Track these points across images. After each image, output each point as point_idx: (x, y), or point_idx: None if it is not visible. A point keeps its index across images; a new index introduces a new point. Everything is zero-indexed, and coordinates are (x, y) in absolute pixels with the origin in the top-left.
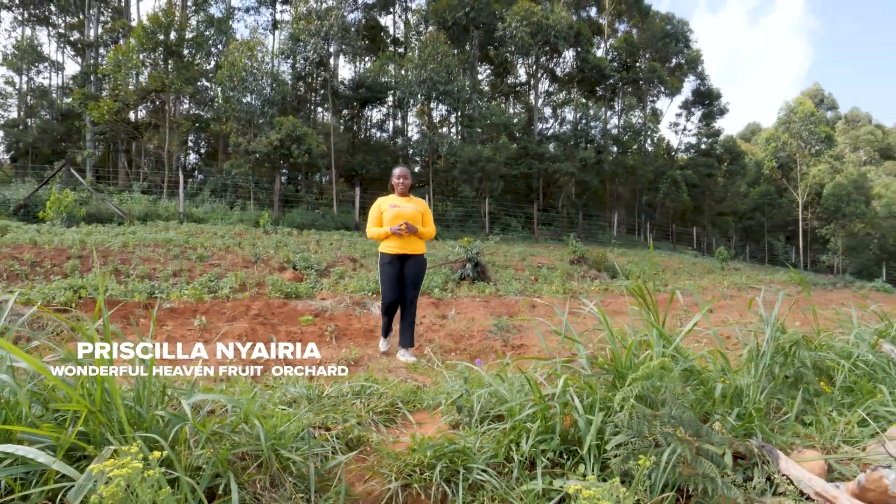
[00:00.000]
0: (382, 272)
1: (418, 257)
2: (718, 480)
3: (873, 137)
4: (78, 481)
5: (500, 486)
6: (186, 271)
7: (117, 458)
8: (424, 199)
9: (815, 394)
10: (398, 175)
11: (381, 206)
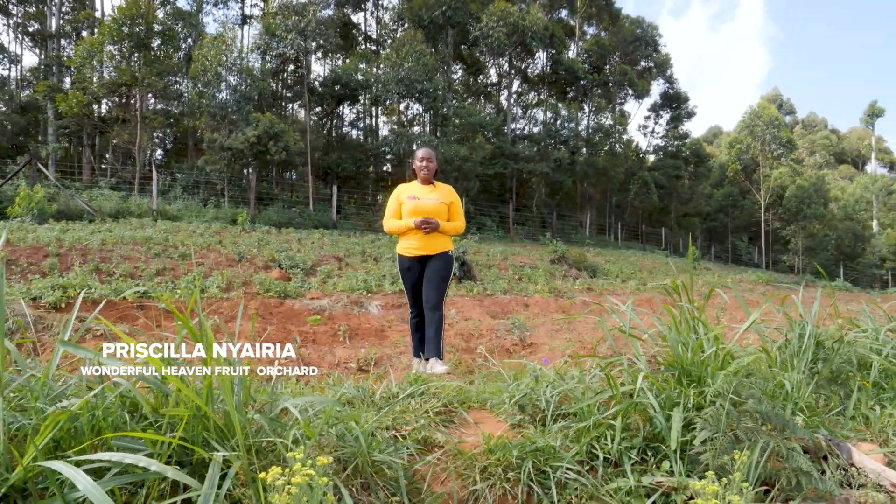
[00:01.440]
0: (403, 278)
1: (443, 255)
2: (814, 473)
3: (829, 142)
4: (203, 489)
5: (589, 483)
6: (170, 270)
7: (233, 463)
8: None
9: (854, 389)
10: (422, 157)
11: (399, 196)
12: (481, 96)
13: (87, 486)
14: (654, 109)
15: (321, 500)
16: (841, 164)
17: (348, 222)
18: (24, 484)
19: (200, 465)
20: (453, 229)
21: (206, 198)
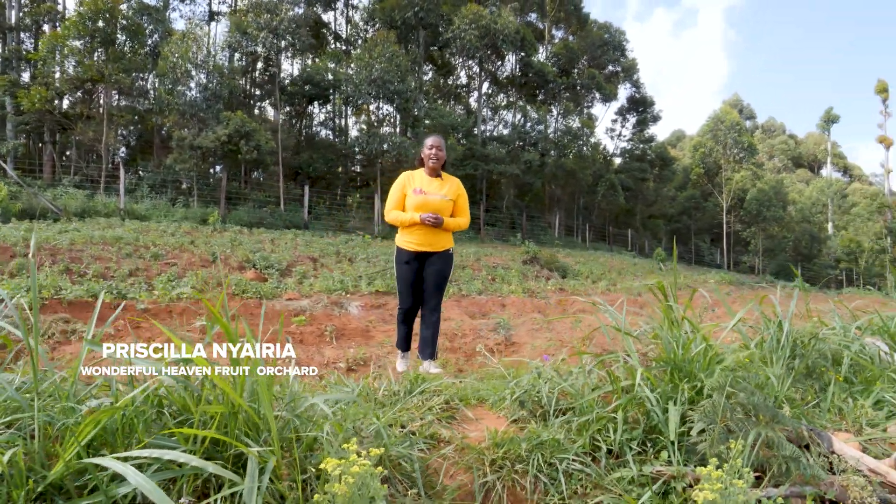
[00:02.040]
0: (399, 272)
1: (443, 254)
2: (803, 460)
3: (787, 146)
4: (245, 483)
5: (594, 473)
6: (143, 270)
7: (270, 458)
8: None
9: (828, 382)
10: (431, 145)
11: (405, 187)
12: (451, 98)
13: (139, 481)
14: (621, 113)
15: (373, 491)
16: (798, 169)
17: (320, 223)
18: (61, 481)
19: (232, 460)
20: (456, 225)
21: (174, 197)
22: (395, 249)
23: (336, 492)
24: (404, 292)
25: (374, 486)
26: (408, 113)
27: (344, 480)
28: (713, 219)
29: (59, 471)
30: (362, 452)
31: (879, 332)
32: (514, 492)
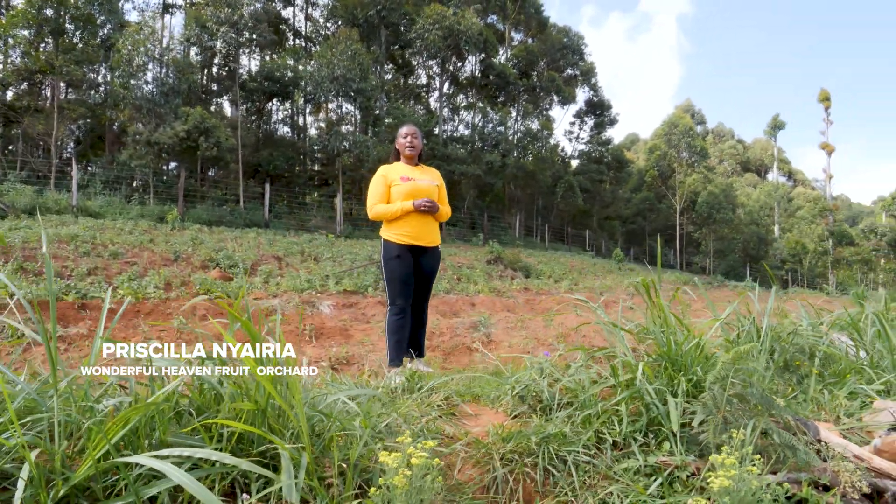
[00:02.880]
0: (390, 268)
1: (435, 251)
2: (799, 448)
3: (735, 151)
4: (283, 480)
5: (601, 465)
6: (102, 269)
7: (301, 454)
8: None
9: (805, 375)
10: (406, 133)
11: (387, 178)
12: (411, 98)
13: (182, 479)
14: (579, 116)
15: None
16: (746, 173)
17: (280, 221)
18: (86, 483)
19: (258, 457)
20: (445, 214)
21: (128, 194)
22: (382, 245)
23: (395, 484)
24: (399, 291)
25: (432, 478)
26: (369, 112)
27: (402, 472)
28: (667, 220)
29: (84, 471)
30: (418, 445)
31: (845, 328)
32: (525, 484)
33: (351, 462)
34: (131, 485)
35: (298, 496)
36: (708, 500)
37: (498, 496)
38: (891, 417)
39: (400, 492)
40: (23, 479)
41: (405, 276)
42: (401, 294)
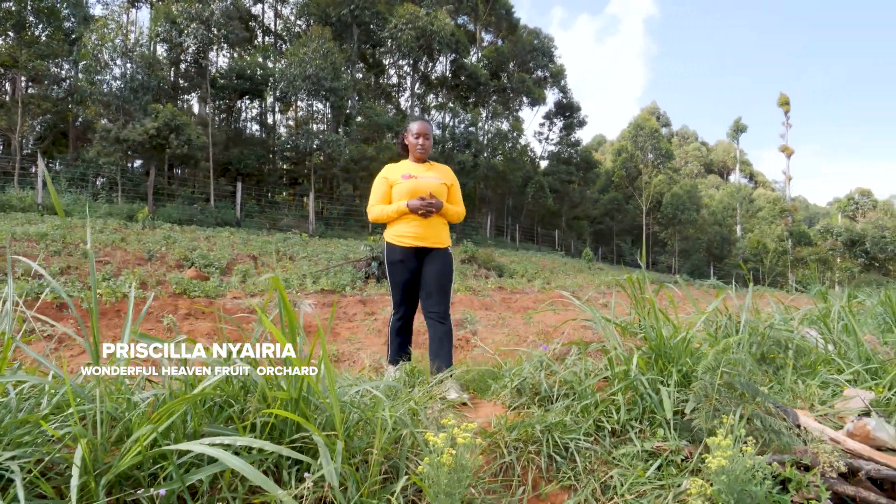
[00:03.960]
0: (392, 272)
1: (443, 252)
2: (784, 432)
3: (699, 153)
4: (324, 465)
5: (601, 450)
6: (75, 269)
7: (336, 442)
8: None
9: (781, 366)
10: (417, 132)
11: (389, 177)
12: (381, 97)
13: (237, 464)
14: (549, 117)
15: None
16: (710, 174)
17: (252, 220)
18: (128, 471)
19: (290, 446)
20: (456, 214)
21: (96, 192)
22: (385, 247)
23: (443, 462)
24: (398, 298)
25: (474, 457)
26: (341, 111)
27: (448, 451)
28: (634, 220)
29: (130, 459)
30: (459, 426)
31: (814, 323)
32: (529, 470)
33: (378, 448)
34: (176, 471)
35: (338, 480)
36: (703, 480)
37: (509, 479)
38: (861, 404)
39: (447, 469)
40: (77, 465)
41: (405, 281)
42: (401, 299)
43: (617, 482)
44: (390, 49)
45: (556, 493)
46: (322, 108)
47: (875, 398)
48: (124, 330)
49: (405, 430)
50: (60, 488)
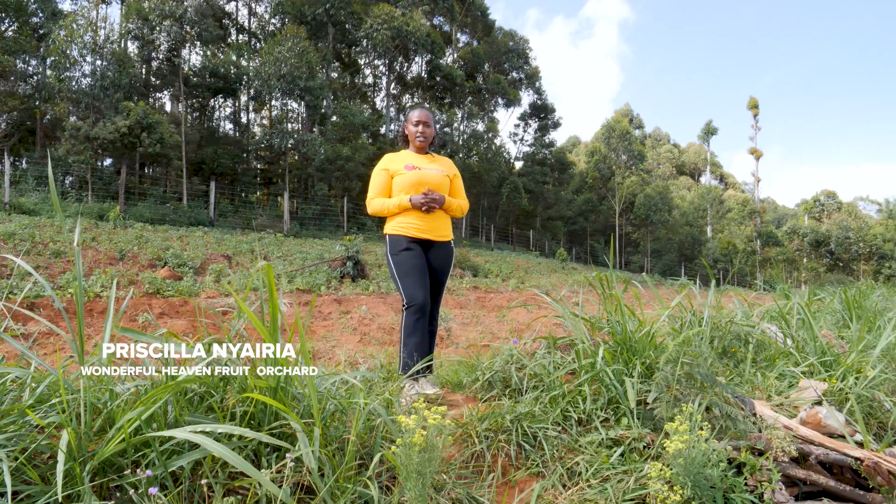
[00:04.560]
0: (398, 263)
1: (446, 246)
2: (740, 418)
3: (672, 155)
4: (303, 449)
5: (568, 439)
6: (45, 268)
7: (313, 429)
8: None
9: (741, 360)
10: (417, 119)
11: (390, 168)
12: (357, 97)
13: (219, 449)
14: (524, 118)
15: (441, 441)
16: (682, 176)
17: (226, 220)
18: (113, 458)
19: (268, 434)
20: (459, 208)
21: (65, 191)
22: (388, 241)
23: (414, 441)
24: (414, 283)
25: (443, 438)
26: (316, 110)
27: (419, 432)
28: (607, 221)
29: (115, 446)
30: (430, 409)
31: (775, 319)
32: (501, 458)
33: (354, 433)
34: (159, 458)
35: (317, 463)
36: (663, 464)
37: (480, 466)
38: (814, 394)
39: (418, 448)
40: (62, 451)
41: (420, 266)
42: (419, 287)
43: (582, 468)
44: (366, 49)
45: (525, 479)
46: (297, 108)
47: (828, 388)
48: (106, 323)
49: (379, 418)
50: (46, 475)
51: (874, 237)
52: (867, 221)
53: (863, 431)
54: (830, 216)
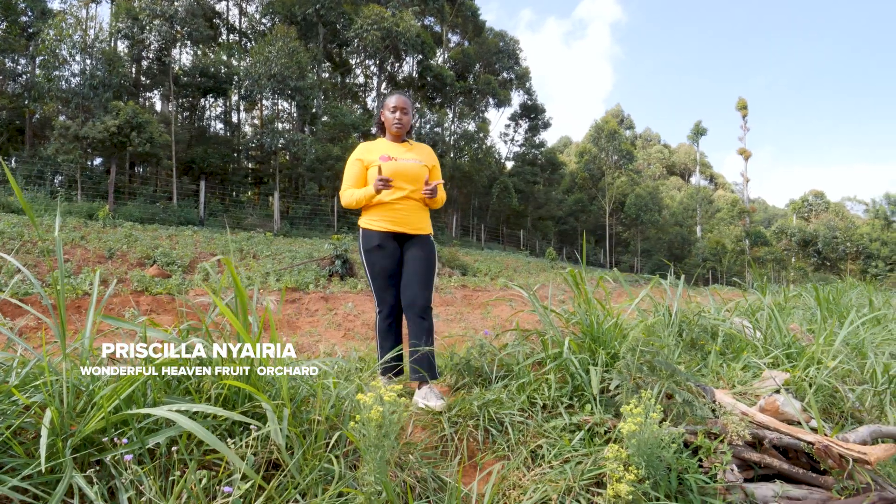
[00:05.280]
0: (371, 262)
1: (424, 239)
2: (696, 404)
3: (662, 155)
4: (271, 426)
5: (533, 424)
6: (34, 266)
7: (282, 409)
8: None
9: (709, 351)
10: (394, 105)
11: (364, 158)
12: (348, 97)
13: (189, 424)
14: (514, 119)
15: (398, 416)
16: (672, 176)
17: (216, 219)
18: (93, 436)
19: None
20: (440, 201)
21: (54, 190)
22: (361, 235)
23: (371, 417)
24: (381, 290)
25: (399, 413)
26: (306, 110)
27: (375, 408)
28: (597, 221)
29: (95, 423)
30: (386, 387)
31: (746, 314)
32: (469, 443)
33: (323, 414)
34: (137, 434)
35: (284, 440)
36: (620, 446)
37: (447, 447)
38: (774, 384)
39: (374, 423)
40: (45, 426)
41: (390, 269)
42: (388, 291)
43: (546, 451)
44: (356, 49)
45: (491, 461)
46: (287, 108)
47: (789, 378)
48: (88, 311)
49: (348, 402)
50: (30, 450)
51: (861, 237)
52: (854, 221)
53: (816, 417)
54: (818, 216)
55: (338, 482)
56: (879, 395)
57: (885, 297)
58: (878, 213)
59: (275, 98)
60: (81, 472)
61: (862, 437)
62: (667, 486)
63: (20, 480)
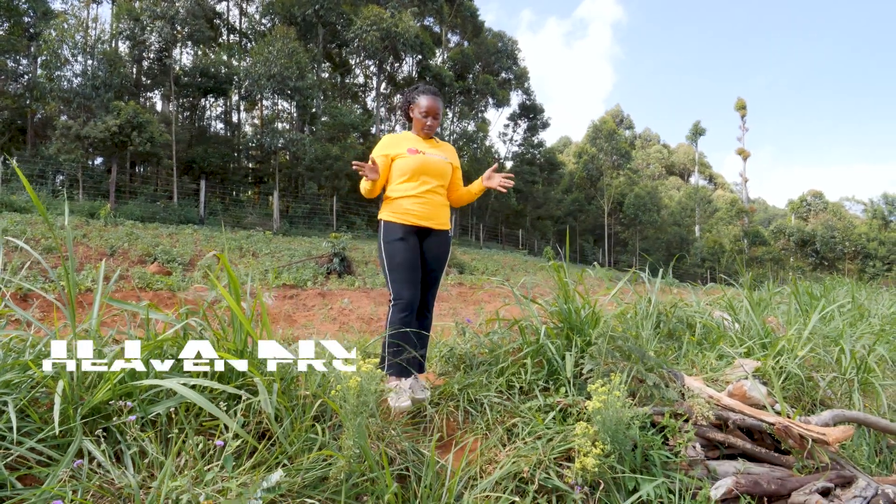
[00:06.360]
0: (391, 253)
1: (444, 235)
2: (663, 386)
3: (661, 155)
4: (262, 397)
5: (511, 405)
6: (36, 263)
7: (273, 382)
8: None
9: (685, 342)
10: (427, 109)
11: (391, 152)
12: (348, 97)
13: (190, 394)
14: (513, 119)
15: (375, 384)
16: (671, 176)
17: (216, 218)
18: (100, 406)
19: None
20: (460, 199)
21: (56, 189)
22: (382, 227)
23: (350, 385)
24: (404, 279)
25: (376, 383)
26: (306, 110)
27: (354, 378)
28: (596, 221)
29: (103, 394)
30: (355, 363)
31: (725, 308)
32: (449, 422)
33: (309, 391)
34: (140, 405)
35: (273, 410)
36: (587, 424)
37: (428, 426)
38: (744, 371)
39: (353, 392)
40: (58, 395)
41: (412, 261)
42: (407, 284)
43: (520, 429)
44: (356, 49)
45: (469, 439)
46: (287, 107)
47: (759, 367)
48: (95, 296)
49: (335, 379)
50: (44, 417)
51: (859, 236)
52: (852, 221)
53: (780, 401)
54: (817, 216)
55: (321, 449)
56: (849, 384)
57: (869, 294)
58: (875, 213)
59: (275, 98)
60: (91, 437)
61: (825, 420)
62: (632, 461)
63: (36, 443)
